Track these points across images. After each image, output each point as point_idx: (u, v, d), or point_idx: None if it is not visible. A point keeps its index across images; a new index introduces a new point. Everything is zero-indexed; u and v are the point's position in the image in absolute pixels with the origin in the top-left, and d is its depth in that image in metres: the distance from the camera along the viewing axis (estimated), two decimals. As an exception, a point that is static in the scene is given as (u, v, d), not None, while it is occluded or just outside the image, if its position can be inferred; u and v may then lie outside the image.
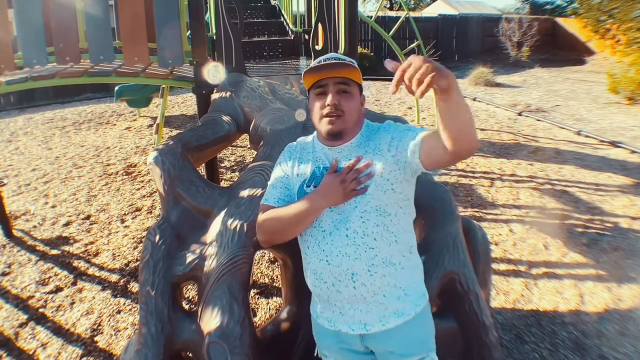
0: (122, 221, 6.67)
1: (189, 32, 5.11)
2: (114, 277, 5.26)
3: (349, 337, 2.32)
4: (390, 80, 2.08)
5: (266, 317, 4.54)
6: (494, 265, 5.35)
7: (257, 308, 4.72)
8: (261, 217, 2.37)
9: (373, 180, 2.20)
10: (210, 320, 2.78)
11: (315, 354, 2.54)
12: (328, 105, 2.23)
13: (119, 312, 4.67)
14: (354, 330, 2.27)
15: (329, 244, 2.23)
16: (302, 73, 2.33)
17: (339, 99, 2.24)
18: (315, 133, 2.47)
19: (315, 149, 2.41)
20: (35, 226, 6.53)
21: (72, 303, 4.82)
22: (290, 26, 8.40)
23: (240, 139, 7.21)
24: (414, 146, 2.13)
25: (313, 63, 2.30)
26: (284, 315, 3.45)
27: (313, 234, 2.29)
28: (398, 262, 2.25)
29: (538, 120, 12.65)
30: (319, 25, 5.27)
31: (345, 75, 2.25)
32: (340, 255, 2.21)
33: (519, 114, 13.37)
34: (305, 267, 2.38)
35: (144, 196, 7.57)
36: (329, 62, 2.24)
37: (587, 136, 10.94)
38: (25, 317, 4.60)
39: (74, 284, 5.15)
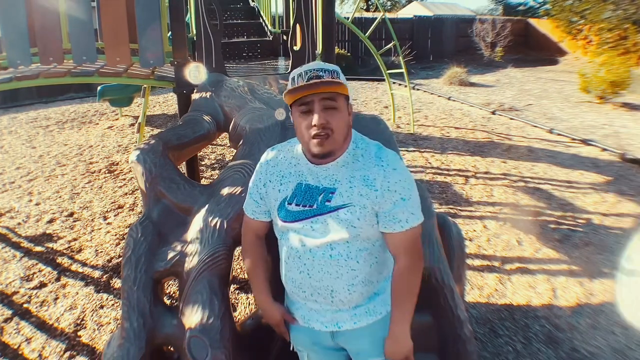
0: (105, 218, 6.70)
1: (170, 33, 5.14)
2: (96, 273, 5.29)
3: (320, 334, 2.35)
4: (367, 79, 2.18)
5: (246, 312, 4.59)
6: (469, 261, 5.42)
7: (237, 303, 4.77)
8: (244, 249, 2.52)
9: (361, 213, 2.14)
10: (191, 315, 2.80)
11: (291, 349, 2.57)
12: (315, 125, 2.07)
13: (101, 307, 4.72)
14: (326, 327, 2.29)
15: (310, 260, 2.20)
16: (283, 93, 2.17)
17: (326, 117, 2.07)
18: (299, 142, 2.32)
19: (299, 163, 2.27)
20: (19, 223, 6.55)
21: (56, 298, 4.85)
22: (269, 27, 8.42)
23: (220, 137, 7.24)
24: (382, 224, 2.19)
25: (295, 76, 2.13)
26: None
27: (294, 247, 2.25)
28: (376, 280, 2.28)
29: (511, 119, 12.78)
30: (297, 26, 5.29)
31: (331, 90, 2.08)
32: (322, 272, 2.19)
33: (493, 113, 13.50)
34: (284, 273, 2.35)
35: (126, 194, 7.59)
36: (312, 81, 2.05)
37: (559, 134, 11.07)
38: (10, 312, 4.64)
39: (58, 279, 5.18)
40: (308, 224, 2.20)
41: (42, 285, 5.10)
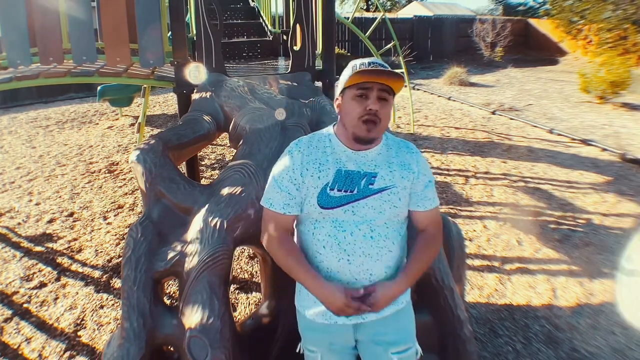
0: (105, 218, 6.70)
1: (170, 33, 5.14)
2: (96, 273, 5.30)
3: (341, 330, 2.36)
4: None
5: (246, 312, 4.59)
6: (469, 261, 5.43)
7: (237, 303, 4.77)
8: (275, 246, 2.37)
9: (402, 194, 2.32)
10: (191, 315, 2.82)
11: (297, 350, 2.58)
12: (369, 110, 2.21)
13: (101, 307, 4.72)
14: (350, 320, 2.32)
15: (351, 245, 2.25)
16: (352, 72, 2.25)
17: (379, 106, 2.22)
18: (331, 131, 2.43)
19: (334, 150, 2.36)
20: (19, 223, 6.56)
21: (56, 298, 4.85)
22: (269, 27, 8.42)
23: (220, 137, 7.25)
24: (414, 203, 2.40)
25: (358, 64, 2.28)
26: (263, 310, 3.49)
27: (332, 234, 2.28)
28: (400, 265, 2.37)
29: (511, 119, 12.79)
30: (297, 26, 5.29)
31: (391, 83, 2.24)
32: (363, 255, 2.25)
33: (493, 113, 13.52)
34: (318, 264, 2.33)
35: (126, 194, 7.60)
36: (381, 68, 2.22)
37: (559, 134, 11.08)
38: (10, 312, 4.64)
39: (58, 279, 5.18)
40: (350, 209, 2.27)
41: (42, 285, 5.10)
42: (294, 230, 2.51)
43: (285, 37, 7.93)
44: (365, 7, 43.16)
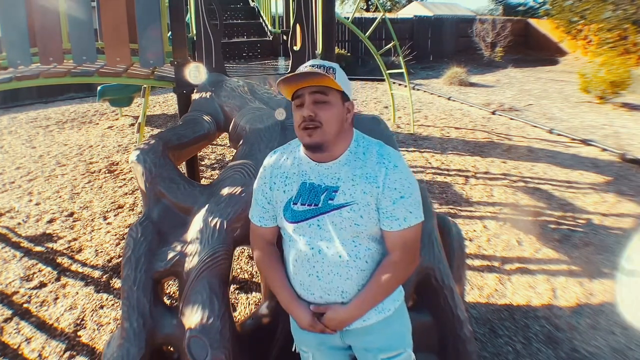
0: (105, 218, 6.70)
1: (170, 33, 5.15)
2: (96, 273, 5.30)
3: (327, 334, 2.32)
4: (367, 79, 2.21)
5: (246, 312, 4.59)
6: (469, 261, 5.42)
7: (237, 303, 4.77)
8: (257, 258, 2.45)
9: (364, 211, 2.14)
10: (191, 315, 2.81)
11: (293, 349, 2.57)
12: (303, 117, 2.11)
13: (101, 307, 4.72)
14: None
15: (319, 262, 2.19)
16: (277, 83, 2.21)
17: (315, 110, 2.10)
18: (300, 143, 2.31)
19: (301, 162, 2.28)
20: (19, 223, 6.56)
21: (56, 298, 4.86)
22: (269, 27, 8.43)
23: (220, 137, 7.25)
24: (381, 221, 2.18)
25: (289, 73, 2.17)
26: (263, 310, 3.46)
27: (302, 250, 2.23)
28: None
29: (511, 119, 12.80)
30: (297, 26, 5.30)
31: (320, 84, 2.11)
32: (332, 274, 2.19)
33: (493, 113, 13.52)
34: (292, 276, 2.32)
35: (126, 194, 7.60)
36: (301, 71, 2.11)
37: (559, 134, 11.08)
38: (10, 312, 4.64)
39: (58, 279, 5.19)
40: (315, 223, 2.20)
41: (42, 285, 5.10)
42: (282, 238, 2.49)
43: (285, 37, 7.94)
44: (365, 7, 43.19)
